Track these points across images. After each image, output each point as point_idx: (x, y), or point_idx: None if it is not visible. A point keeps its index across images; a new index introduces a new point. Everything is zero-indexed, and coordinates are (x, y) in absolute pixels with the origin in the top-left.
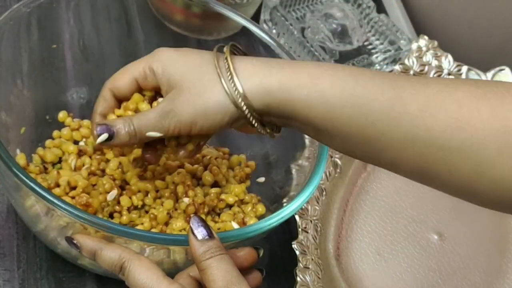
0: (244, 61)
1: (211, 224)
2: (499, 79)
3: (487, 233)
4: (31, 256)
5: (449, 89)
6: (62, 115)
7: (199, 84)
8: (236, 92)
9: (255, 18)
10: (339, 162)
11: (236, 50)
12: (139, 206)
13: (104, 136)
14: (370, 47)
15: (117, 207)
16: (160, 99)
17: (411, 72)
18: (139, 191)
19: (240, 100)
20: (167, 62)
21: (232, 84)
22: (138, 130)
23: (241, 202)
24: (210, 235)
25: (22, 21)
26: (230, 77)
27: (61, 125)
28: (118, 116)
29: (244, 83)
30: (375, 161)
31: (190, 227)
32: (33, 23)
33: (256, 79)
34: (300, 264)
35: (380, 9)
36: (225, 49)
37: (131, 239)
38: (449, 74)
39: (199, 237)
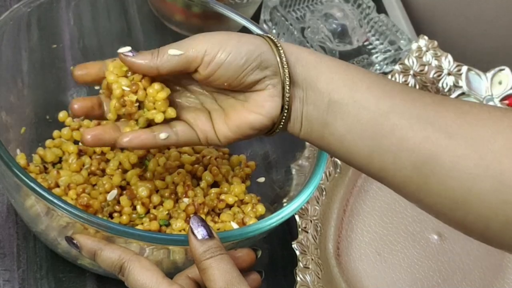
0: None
1: (211, 224)
2: (499, 79)
3: None
4: (31, 256)
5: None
6: (62, 115)
7: (237, 32)
8: (273, 38)
9: (255, 18)
10: (339, 162)
11: None
12: (140, 210)
13: (127, 48)
14: (370, 47)
15: (117, 207)
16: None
17: (411, 72)
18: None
19: (279, 45)
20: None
21: (273, 38)
22: (161, 50)
23: (241, 202)
24: (210, 235)
25: (22, 21)
26: (273, 38)
27: (61, 125)
28: None
29: (284, 43)
30: (377, 150)
31: (190, 226)
32: (33, 23)
33: (290, 44)
34: (300, 264)
35: (380, 9)
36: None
37: (131, 239)
38: (449, 74)
39: (199, 236)
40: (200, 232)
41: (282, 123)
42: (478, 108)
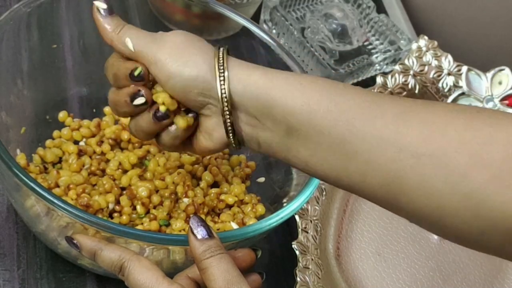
0: (238, 60)
1: (210, 224)
2: (499, 79)
3: None
4: (31, 256)
5: (427, 103)
6: (62, 115)
7: (192, 44)
8: (222, 66)
9: (255, 18)
10: None
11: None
12: (140, 211)
13: (103, 5)
14: (370, 47)
15: (117, 207)
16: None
17: (411, 72)
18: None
19: (221, 69)
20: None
21: (221, 62)
22: (124, 31)
23: (241, 202)
24: (210, 234)
25: (22, 21)
26: (221, 61)
27: (61, 125)
28: None
29: (231, 67)
30: (343, 172)
31: (190, 226)
32: (33, 23)
33: (243, 69)
34: (300, 264)
35: (380, 9)
36: (222, 49)
37: (131, 239)
38: (449, 74)
39: (199, 236)
40: (200, 232)
41: (234, 145)
42: (442, 117)
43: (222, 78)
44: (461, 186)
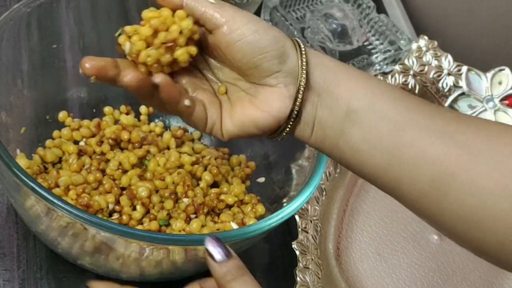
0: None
1: (210, 224)
2: (499, 79)
3: None
4: (31, 256)
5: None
6: (62, 115)
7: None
8: (302, 45)
9: None
10: None
11: None
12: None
13: None
14: (370, 47)
15: (117, 207)
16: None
17: (411, 72)
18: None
19: (302, 47)
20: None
21: (301, 44)
22: None
23: (241, 202)
24: (228, 255)
25: (22, 21)
26: (300, 43)
27: (61, 125)
28: None
29: (306, 47)
30: (394, 162)
31: (207, 249)
32: (33, 23)
33: (315, 52)
34: (300, 264)
35: (380, 9)
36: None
37: (131, 239)
38: (449, 74)
39: (217, 257)
40: (218, 253)
41: (289, 126)
42: (498, 126)
43: (303, 48)
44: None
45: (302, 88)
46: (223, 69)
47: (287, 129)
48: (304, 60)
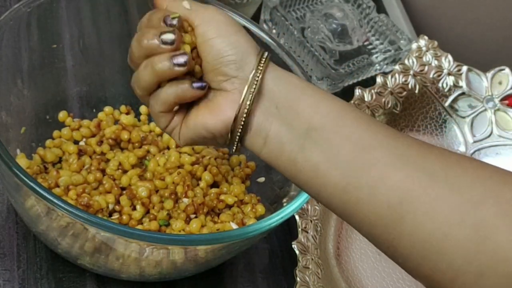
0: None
1: (210, 224)
2: (499, 79)
3: None
4: (31, 256)
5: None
6: (62, 115)
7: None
8: (264, 54)
9: (255, 18)
10: None
11: None
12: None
13: None
14: (370, 47)
15: (117, 207)
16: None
17: (411, 72)
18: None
19: (263, 61)
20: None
21: (264, 53)
22: None
23: (241, 202)
24: None
25: (22, 21)
26: (264, 54)
27: (61, 125)
28: None
29: (272, 64)
30: (354, 183)
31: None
32: (33, 23)
33: (282, 70)
34: (300, 264)
35: (380, 9)
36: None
37: (131, 239)
38: (449, 74)
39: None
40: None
41: (239, 134)
42: (459, 155)
43: (264, 58)
44: (471, 215)
45: (251, 94)
46: None
47: (237, 136)
48: (260, 68)
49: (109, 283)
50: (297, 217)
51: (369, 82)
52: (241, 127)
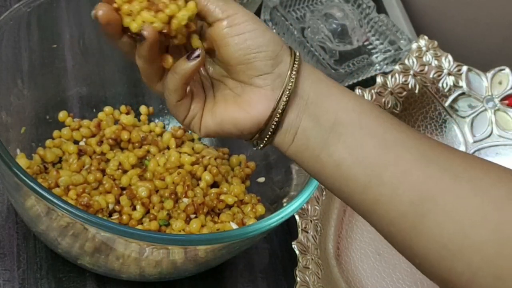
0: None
1: (210, 224)
2: (499, 79)
3: None
4: (31, 256)
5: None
6: (62, 115)
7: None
8: (297, 56)
9: None
10: None
11: None
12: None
13: None
14: (370, 47)
15: (117, 207)
16: None
17: (411, 72)
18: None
19: (297, 57)
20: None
21: (296, 55)
22: None
23: (241, 202)
24: None
25: (22, 21)
26: (295, 51)
27: (61, 125)
28: None
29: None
30: (376, 179)
31: None
32: (33, 23)
33: (311, 66)
34: (300, 264)
35: (380, 9)
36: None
37: (131, 239)
38: (449, 74)
39: None
40: None
41: (270, 131)
42: (481, 159)
43: (297, 56)
44: (493, 217)
45: (287, 93)
46: (214, 65)
47: (268, 134)
48: (295, 67)
49: (109, 283)
50: (297, 217)
51: (369, 82)
52: (274, 125)
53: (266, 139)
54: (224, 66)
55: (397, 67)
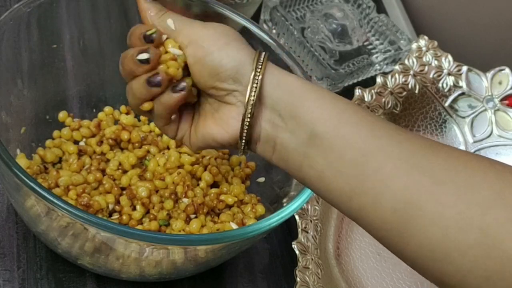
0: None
1: (210, 224)
2: (499, 79)
3: None
4: (31, 256)
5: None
6: (62, 115)
7: (237, 37)
8: (262, 58)
9: (255, 18)
10: None
11: None
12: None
13: None
14: (370, 47)
15: (117, 207)
16: None
17: (411, 72)
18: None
19: (260, 66)
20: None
21: (262, 56)
22: (166, 15)
23: (241, 202)
24: None
25: (22, 21)
26: (262, 56)
27: (61, 125)
28: None
29: (270, 65)
30: (357, 189)
31: None
32: (33, 23)
33: (280, 70)
34: (300, 264)
35: (380, 9)
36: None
37: (131, 239)
38: (449, 74)
39: None
40: None
41: (243, 145)
42: (468, 156)
43: (260, 66)
44: (479, 220)
45: (250, 106)
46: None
47: (242, 147)
48: (258, 71)
49: (109, 283)
50: (297, 217)
51: (369, 82)
52: (244, 138)
53: (242, 149)
54: (201, 87)
55: (397, 67)
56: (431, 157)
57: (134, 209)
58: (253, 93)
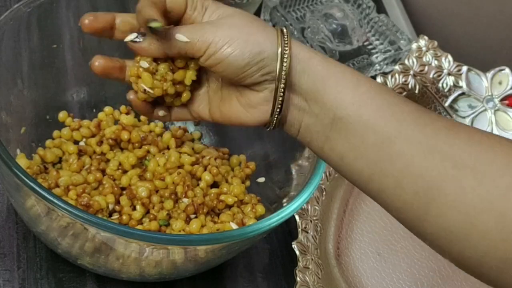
0: (298, 41)
1: (210, 224)
2: (499, 79)
3: None
4: (31, 256)
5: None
6: (62, 115)
7: (250, 25)
8: (286, 44)
9: None
10: None
11: None
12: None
13: (133, 35)
14: (370, 47)
15: (117, 207)
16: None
17: (411, 72)
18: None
19: (286, 47)
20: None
21: (286, 41)
22: (169, 33)
23: (241, 202)
24: None
25: (22, 21)
26: (286, 40)
27: (61, 125)
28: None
29: (294, 47)
30: (378, 172)
31: None
32: (33, 23)
33: (304, 51)
34: (300, 264)
35: (380, 9)
36: (285, 28)
37: (131, 239)
38: (449, 74)
39: None
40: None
41: (273, 125)
42: (490, 139)
43: (286, 56)
44: (500, 204)
45: (280, 96)
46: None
47: (272, 127)
48: (285, 65)
49: (109, 283)
50: (297, 217)
51: None
52: (274, 123)
53: (273, 127)
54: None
55: (397, 67)
56: (453, 140)
57: (134, 209)
58: (281, 87)
